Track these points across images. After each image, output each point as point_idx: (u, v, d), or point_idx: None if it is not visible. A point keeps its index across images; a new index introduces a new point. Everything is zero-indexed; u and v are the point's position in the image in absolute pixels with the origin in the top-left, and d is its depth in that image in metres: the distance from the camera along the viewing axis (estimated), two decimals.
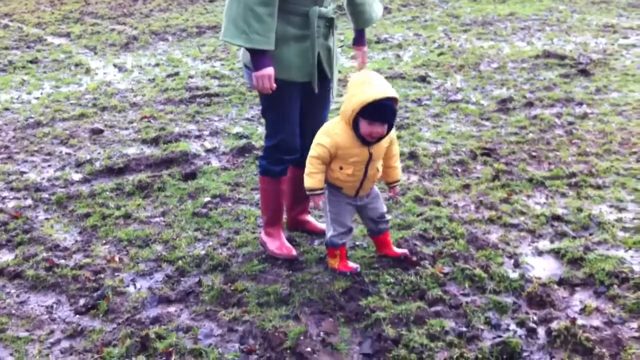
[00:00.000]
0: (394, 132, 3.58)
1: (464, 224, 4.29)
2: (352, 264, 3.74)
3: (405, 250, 3.84)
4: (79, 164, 5.59)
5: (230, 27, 3.41)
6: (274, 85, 3.49)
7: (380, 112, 3.30)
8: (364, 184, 3.58)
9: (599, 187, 4.79)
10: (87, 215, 4.62)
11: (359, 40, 4.04)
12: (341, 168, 3.49)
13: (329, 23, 3.68)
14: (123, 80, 8.59)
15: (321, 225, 4.24)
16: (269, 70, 3.46)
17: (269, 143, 3.82)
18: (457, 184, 4.95)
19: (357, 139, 3.41)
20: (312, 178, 3.51)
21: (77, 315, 3.48)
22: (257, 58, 3.45)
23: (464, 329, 3.22)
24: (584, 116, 6.38)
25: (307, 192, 3.55)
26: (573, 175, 5.00)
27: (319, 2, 3.58)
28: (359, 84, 3.33)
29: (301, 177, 4.07)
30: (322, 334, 3.23)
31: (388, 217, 3.82)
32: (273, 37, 3.42)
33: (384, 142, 3.52)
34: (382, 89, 3.29)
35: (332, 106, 6.95)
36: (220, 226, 4.37)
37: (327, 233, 3.71)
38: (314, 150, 3.49)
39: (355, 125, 3.38)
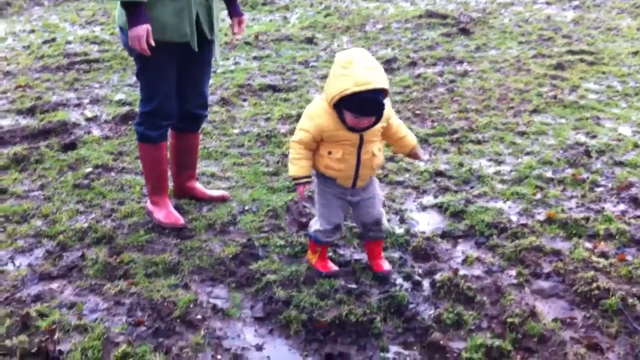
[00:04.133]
0: (389, 110, 3.05)
1: None
2: (332, 266, 3.39)
3: (389, 269, 3.39)
4: None
5: None
6: (152, 43, 3.34)
7: (361, 106, 2.84)
8: (360, 171, 3.12)
9: (478, 142, 4.98)
10: None
11: (235, 10, 3.85)
12: (330, 153, 3.06)
13: None
14: None
15: (210, 191, 4.18)
16: (144, 28, 3.29)
17: (145, 108, 3.68)
18: None
19: (342, 123, 2.97)
20: (294, 165, 3.09)
21: None
22: (132, 14, 3.28)
23: (353, 286, 3.27)
24: (465, 74, 6.59)
25: (292, 181, 3.16)
26: (454, 131, 5.16)
27: None
28: (341, 66, 2.85)
29: (185, 143, 4.00)
30: (212, 300, 3.20)
31: (384, 225, 3.35)
32: None
33: (378, 127, 3.04)
34: (364, 78, 2.78)
35: (221, 69, 6.85)
36: (103, 197, 4.22)
37: (313, 226, 3.34)
38: (296, 134, 3.08)
39: (338, 110, 2.94)
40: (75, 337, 2.93)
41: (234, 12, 3.87)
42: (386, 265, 3.39)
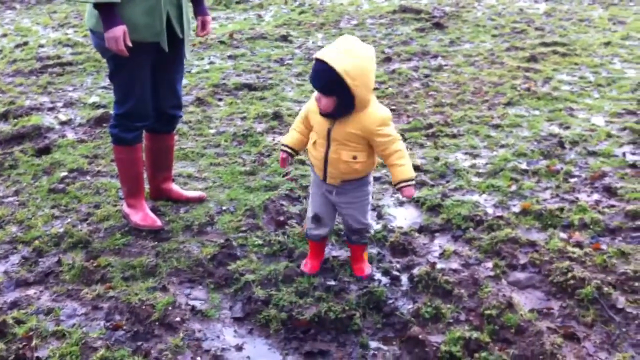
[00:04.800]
0: (373, 124, 2.91)
1: None
2: (312, 268, 3.37)
3: (369, 273, 3.36)
4: None
5: None
6: (130, 44, 3.31)
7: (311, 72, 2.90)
8: (328, 169, 3.05)
9: (454, 136, 5.01)
10: None
11: (201, 9, 3.84)
12: (312, 138, 3.10)
13: None
14: None
15: (187, 192, 4.17)
16: (121, 29, 3.26)
17: (119, 110, 3.65)
18: None
19: None
20: (288, 132, 3.22)
21: None
22: (106, 16, 3.25)
23: (332, 282, 3.28)
24: (439, 68, 6.62)
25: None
26: (430, 126, 5.19)
27: None
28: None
29: (160, 144, 3.98)
30: (191, 302, 3.20)
31: (369, 233, 3.34)
32: None
33: (351, 127, 2.92)
34: (323, 49, 2.83)
35: (195, 69, 6.82)
36: (79, 201, 4.18)
37: None
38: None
39: None
40: (53, 343, 2.91)
41: (200, 11, 3.84)
42: (367, 270, 3.37)
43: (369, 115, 2.91)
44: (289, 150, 3.22)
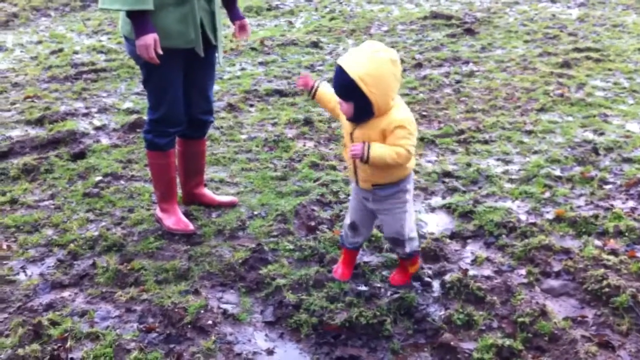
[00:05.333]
0: (390, 124, 2.84)
1: None
2: (343, 275, 3.34)
3: (400, 283, 3.32)
4: None
5: None
6: (160, 51, 3.36)
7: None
8: (358, 172, 3.03)
9: (486, 142, 4.97)
10: None
11: (235, 14, 3.89)
12: (343, 140, 3.09)
13: None
14: (3, 60, 8.13)
15: (219, 197, 4.20)
16: (152, 37, 3.31)
17: (153, 115, 3.70)
18: None
19: None
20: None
21: None
22: (138, 23, 3.30)
23: (363, 288, 3.28)
24: (471, 74, 6.59)
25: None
26: (461, 132, 5.16)
27: None
28: None
29: (192, 149, 4.01)
30: (223, 305, 3.22)
31: (408, 248, 3.18)
32: None
33: (371, 132, 2.88)
34: (343, 55, 2.84)
35: (227, 75, 6.88)
36: (113, 205, 4.24)
37: None
38: None
39: None
40: (87, 345, 2.96)
41: (235, 16, 3.90)
42: (400, 282, 3.31)
43: (387, 118, 2.86)
44: (315, 86, 3.19)
